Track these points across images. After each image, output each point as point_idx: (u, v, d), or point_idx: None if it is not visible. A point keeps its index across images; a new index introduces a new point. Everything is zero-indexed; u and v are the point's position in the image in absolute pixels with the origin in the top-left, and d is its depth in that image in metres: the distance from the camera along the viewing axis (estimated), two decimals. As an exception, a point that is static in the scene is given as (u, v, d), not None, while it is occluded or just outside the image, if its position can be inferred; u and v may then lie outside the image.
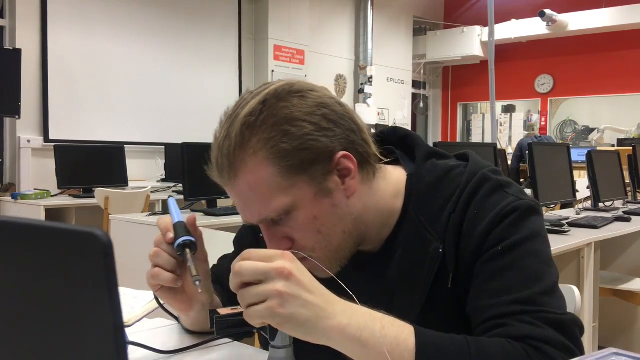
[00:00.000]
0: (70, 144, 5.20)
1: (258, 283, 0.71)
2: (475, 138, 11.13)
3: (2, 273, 0.51)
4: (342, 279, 0.93)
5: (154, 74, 6.55)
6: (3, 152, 5.53)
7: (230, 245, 1.14)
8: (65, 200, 4.34)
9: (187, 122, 6.53)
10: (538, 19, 9.24)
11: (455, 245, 0.86)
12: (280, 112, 0.81)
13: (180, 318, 1.03)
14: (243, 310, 0.72)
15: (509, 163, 6.99)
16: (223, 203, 3.37)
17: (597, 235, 2.58)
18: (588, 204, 3.57)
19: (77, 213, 4.35)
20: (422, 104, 11.23)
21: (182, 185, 4.19)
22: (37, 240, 0.49)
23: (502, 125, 10.82)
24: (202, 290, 0.93)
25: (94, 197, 4.10)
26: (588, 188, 3.49)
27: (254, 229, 0.90)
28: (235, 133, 0.81)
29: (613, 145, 8.63)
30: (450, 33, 10.54)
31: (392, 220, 0.93)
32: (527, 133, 9.41)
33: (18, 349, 0.52)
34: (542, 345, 0.75)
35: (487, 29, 7.22)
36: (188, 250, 0.88)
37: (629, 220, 3.05)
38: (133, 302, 1.22)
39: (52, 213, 4.14)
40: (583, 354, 0.76)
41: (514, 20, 9.69)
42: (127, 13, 6.30)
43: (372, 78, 9.16)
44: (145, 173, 6.15)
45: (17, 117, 5.16)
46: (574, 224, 2.79)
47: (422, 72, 11.01)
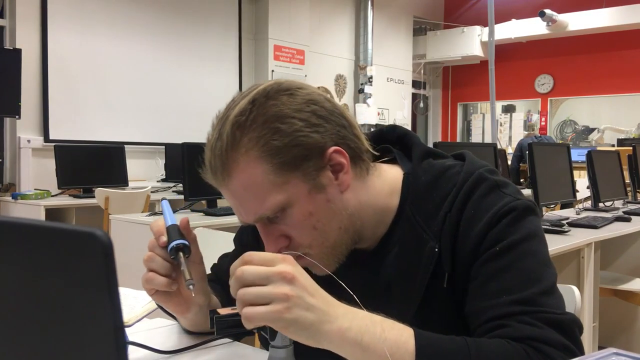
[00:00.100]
0: (70, 144, 5.20)
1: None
2: (475, 138, 11.13)
3: (2, 273, 0.51)
4: (338, 277, 0.93)
5: (154, 74, 6.55)
6: (3, 152, 5.53)
7: (230, 245, 1.14)
8: (65, 200, 4.34)
9: (187, 122, 6.53)
10: (538, 19, 9.23)
11: (452, 245, 0.86)
12: (270, 110, 0.82)
13: (179, 319, 1.03)
14: (240, 311, 0.71)
15: (509, 163, 6.98)
16: (223, 203, 3.37)
17: (597, 235, 2.58)
18: (588, 204, 3.57)
19: (77, 213, 4.35)
20: (422, 104, 11.23)
21: (182, 185, 4.20)
22: (37, 240, 0.49)
23: (502, 125, 10.82)
24: (197, 293, 0.93)
25: (94, 197, 4.10)
26: (588, 188, 3.49)
27: (254, 228, 0.90)
28: (227, 134, 0.82)
29: (613, 145, 8.62)
30: (450, 33, 10.54)
31: (387, 218, 0.93)
32: (527, 133, 9.41)
33: (18, 349, 0.52)
34: (542, 346, 0.75)
35: (487, 29, 7.22)
36: (181, 254, 0.88)
37: (629, 220, 3.06)
38: (133, 302, 1.22)
39: (52, 213, 4.14)
40: (583, 354, 0.76)
41: (514, 20, 9.69)
42: (127, 13, 6.30)
43: (372, 78, 9.16)
44: (145, 173, 6.15)
45: (17, 117, 5.16)
46: (574, 224, 2.79)
47: (422, 72, 11.01)
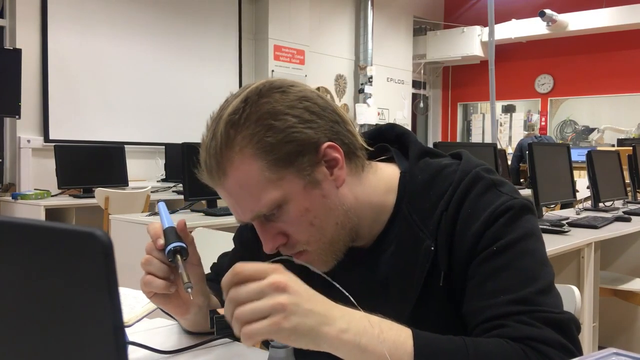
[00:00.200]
0: (70, 144, 5.20)
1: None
2: (475, 138, 11.13)
3: (2, 273, 0.51)
4: (334, 275, 0.93)
5: (154, 74, 6.55)
6: (3, 152, 5.53)
7: (230, 245, 1.14)
8: (65, 200, 4.34)
9: (187, 122, 6.53)
10: (538, 19, 9.23)
11: (448, 244, 0.86)
12: (263, 107, 0.83)
13: (179, 320, 1.04)
14: (240, 332, 0.69)
15: (509, 163, 6.98)
16: (223, 203, 3.37)
17: (597, 235, 2.58)
18: (588, 204, 3.57)
19: (77, 213, 4.35)
20: (422, 104, 11.23)
21: (182, 185, 4.20)
22: (37, 240, 0.49)
23: (502, 125, 10.82)
24: (196, 295, 0.93)
25: (94, 197, 4.10)
26: (588, 188, 3.49)
27: (254, 227, 0.90)
28: (221, 133, 0.83)
29: (613, 145, 8.63)
30: (450, 33, 10.53)
31: (383, 216, 0.93)
32: (527, 133, 9.41)
33: (18, 349, 0.52)
34: (540, 346, 0.75)
35: (487, 29, 7.23)
36: (179, 257, 0.88)
37: (629, 220, 3.05)
38: (133, 302, 1.22)
39: (52, 213, 4.14)
40: (581, 352, 0.76)
41: (514, 20, 9.69)
42: (127, 13, 6.30)
43: (372, 78, 9.16)
44: (145, 173, 6.15)
45: (17, 117, 5.16)
46: (574, 224, 2.78)
47: (422, 72, 11.00)
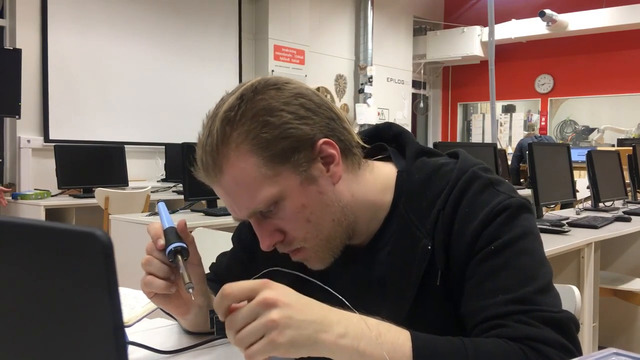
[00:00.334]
0: (70, 144, 5.20)
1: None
2: (475, 138, 11.13)
3: (2, 273, 0.51)
4: (331, 273, 0.93)
5: (154, 74, 6.55)
6: (3, 152, 5.53)
7: (230, 245, 1.14)
8: (65, 200, 4.34)
9: (187, 122, 6.51)
10: (538, 19, 9.23)
11: (445, 243, 0.86)
12: (258, 104, 0.83)
13: (179, 320, 1.03)
14: (245, 356, 0.70)
15: (509, 163, 6.98)
16: (223, 203, 3.37)
17: (597, 235, 2.58)
18: (588, 204, 3.57)
19: (77, 213, 4.35)
20: (422, 104, 11.23)
21: (182, 185, 4.20)
22: (37, 240, 0.49)
23: (502, 125, 10.82)
24: (197, 295, 0.93)
25: (94, 197, 4.10)
26: (588, 188, 3.49)
27: (251, 225, 0.90)
28: (216, 130, 0.83)
29: (613, 145, 8.63)
30: (450, 33, 10.54)
31: (380, 215, 0.93)
32: (527, 133, 9.41)
33: (18, 349, 0.52)
34: (539, 345, 0.74)
35: (487, 29, 7.23)
36: (180, 257, 0.88)
37: (629, 220, 3.05)
38: (133, 302, 1.22)
39: (52, 213, 4.14)
40: (580, 352, 0.76)
41: (514, 20, 9.69)
42: (127, 13, 6.30)
43: (372, 78, 9.16)
44: (145, 173, 6.15)
45: (17, 117, 5.16)
46: (574, 224, 2.78)
47: (422, 72, 11.01)
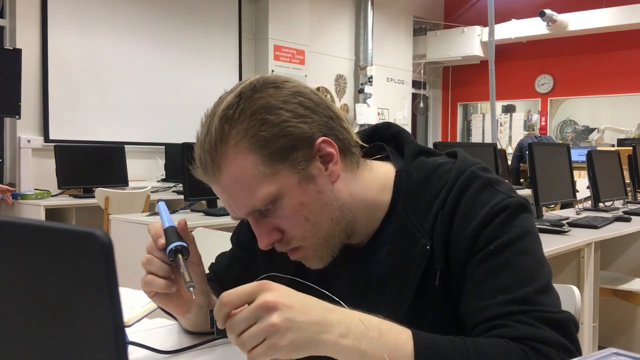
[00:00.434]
0: (70, 144, 5.20)
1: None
2: (475, 138, 11.13)
3: (2, 273, 0.51)
4: (330, 273, 0.92)
5: (154, 74, 6.55)
6: (3, 152, 5.53)
7: (230, 245, 1.14)
8: (65, 200, 4.34)
9: (187, 122, 6.51)
10: (538, 19, 9.23)
11: (444, 243, 0.85)
12: (257, 102, 0.83)
13: (179, 320, 1.03)
14: (247, 356, 0.71)
15: (509, 163, 6.98)
16: (222, 203, 3.37)
17: (597, 235, 2.58)
18: (588, 204, 3.57)
19: (77, 213, 4.35)
20: (422, 104, 11.23)
21: (182, 185, 4.20)
22: (37, 240, 0.49)
23: (502, 125, 10.82)
24: (197, 294, 0.93)
25: (94, 197, 4.10)
26: (588, 188, 3.49)
27: (250, 225, 0.90)
28: (215, 128, 0.83)
29: (613, 145, 8.63)
30: (450, 33, 10.53)
31: (379, 214, 0.93)
32: (527, 133, 9.41)
33: (18, 349, 0.52)
34: (540, 346, 0.74)
35: (487, 29, 7.22)
36: (180, 256, 0.88)
37: (629, 220, 3.05)
38: (133, 302, 1.22)
39: (52, 213, 4.14)
40: (580, 352, 0.76)
41: (514, 20, 9.69)
42: (127, 13, 6.30)
43: (372, 78, 9.16)
44: (145, 173, 6.15)
45: (17, 117, 5.16)
46: (574, 224, 2.78)
47: (422, 72, 11.00)
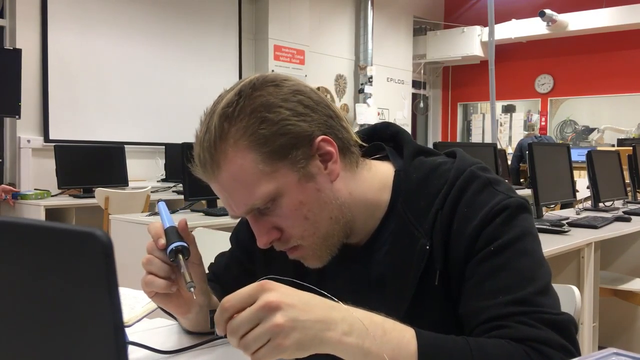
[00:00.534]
0: (70, 144, 5.20)
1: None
2: (475, 138, 11.13)
3: (2, 273, 0.51)
4: (329, 273, 0.92)
5: (154, 74, 6.55)
6: (3, 152, 5.53)
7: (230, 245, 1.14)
8: (65, 200, 4.34)
9: (187, 122, 6.51)
10: (538, 19, 9.23)
11: (444, 243, 0.85)
12: (257, 100, 0.82)
13: (179, 320, 1.03)
14: (251, 358, 0.70)
15: (509, 163, 6.98)
16: (222, 202, 3.37)
17: (597, 235, 2.58)
18: (588, 204, 3.57)
19: (77, 213, 4.35)
20: (422, 104, 11.23)
21: (182, 185, 4.20)
22: (37, 240, 0.49)
23: (502, 125, 10.82)
24: (198, 294, 0.93)
25: (94, 197, 4.10)
26: (588, 188, 3.49)
27: (249, 225, 0.90)
28: (214, 126, 0.82)
29: (613, 145, 8.63)
30: (450, 33, 10.54)
31: (378, 213, 0.93)
32: (527, 133, 9.41)
33: (18, 349, 0.52)
34: (541, 347, 0.75)
35: (487, 29, 7.22)
36: (181, 256, 0.88)
37: (629, 220, 3.05)
38: (133, 302, 1.22)
39: (52, 213, 4.14)
40: (579, 353, 0.76)
41: (514, 20, 9.69)
42: (127, 13, 6.30)
43: (372, 78, 9.16)
44: (145, 173, 6.15)
45: (17, 117, 5.16)
46: (574, 224, 2.78)
47: (422, 72, 11.01)
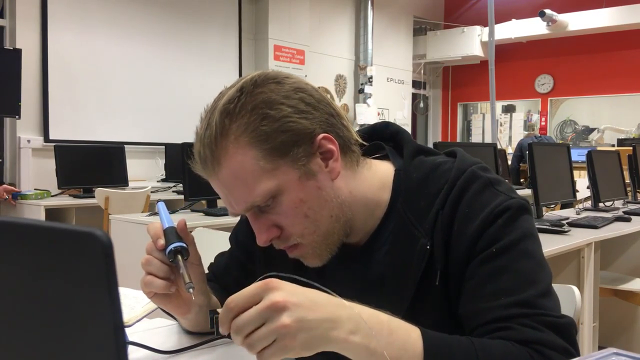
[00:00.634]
0: (70, 144, 5.20)
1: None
2: (475, 138, 11.13)
3: (2, 273, 0.51)
4: (328, 273, 0.92)
5: (154, 74, 6.55)
6: (3, 152, 5.53)
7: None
8: (65, 200, 4.34)
9: (187, 122, 6.49)
10: (538, 19, 9.23)
11: (445, 243, 0.85)
12: (258, 97, 0.82)
13: (179, 320, 1.03)
14: (257, 358, 0.69)
15: (509, 163, 6.98)
16: (223, 203, 3.37)
17: (597, 235, 2.58)
18: (588, 204, 3.57)
19: (77, 213, 4.35)
20: (422, 104, 11.23)
21: (182, 185, 4.20)
22: (37, 240, 0.49)
23: (502, 125, 10.82)
24: (197, 294, 0.93)
25: (94, 197, 4.10)
26: (588, 188, 3.49)
27: (249, 225, 0.89)
28: (215, 122, 0.82)
29: (613, 145, 8.63)
30: (450, 33, 10.53)
31: (378, 213, 0.93)
32: (527, 133, 9.42)
33: (18, 349, 0.52)
34: (545, 350, 0.75)
35: (487, 29, 7.22)
36: (180, 257, 0.87)
37: (629, 220, 3.05)
38: (133, 302, 1.22)
39: (52, 213, 4.14)
40: (579, 355, 0.76)
41: (514, 20, 9.69)
42: (127, 13, 6.30)
43: (372, 78, 9.16)
44: (145, 173, 6.15)
45: (17, 117, 5.16)
46: (574, 224, 2.78)
47: (422, 72, 11.00)
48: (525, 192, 4.27)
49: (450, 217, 0.85)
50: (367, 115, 8.95)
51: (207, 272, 1.09)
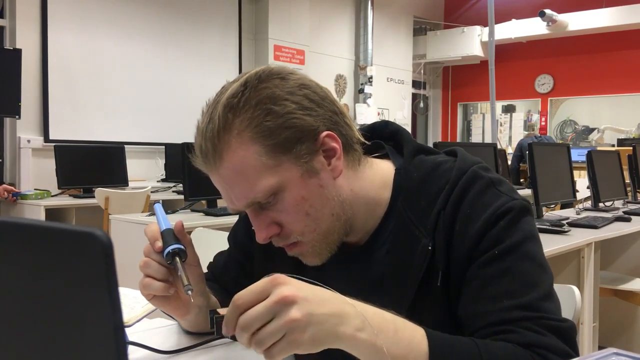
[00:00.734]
0: (70, 144, 5.20)
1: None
2: (475, 138, 11.13)
3: (2, 273, 0.51)
4: (328, 272, 0.92)
5: (154, 74, 6.55)
6: (3, 152, 5.53)
7: (230, 245, 1.14)
8: (65, 200, 4.34)
9: (187, 122, 6.48)
10: (538, 19, 9.24)
11: (446, 243, 0.85)
12: (262, 92, 0.81)
13: (179, 321, 1.03)
14: (264, 356, 0.68)
15: (509, 163, 6.98)
16: (223, 203, 3.37)
17: (597, 235, 2.58)
18: (588, 204, 3.57)
19: (77, 213, 4.35)
20: (422, 104, 11.23)
21: (182, 185, 4.20)
22: (37, 240, 0.49)
23: (502, 125, 10.82)
24: (196, 296, 0.92)
25: (94, 197, 4.10)
26: (588, 188, 3.49)
27: (248, 225, 0.89)
28: (218, 116, 0.81)
29: (613, 145, 8.63)
30: (450, 33, 10.54)
31: (378, 212, 0.92)
32: (527, 133, 9.42)
33: (18, 349, 0.52)
34: (547, 354, 0.75)
35: (487, 29, 7.23)
36: (178, 259, 0.87)
37: (629, 220, 3.05)
38: (133, 302, 1.22)
39: (52, 213, 4.14)
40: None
41: (514, 20, 9.69)
42: (127, 13, 6.30)
43: (372, 78, 9.16)
44: (145, 173, 6.15)
45: (17, 117, 5.16)
46: (574, 224, 2.78)
47: (422, 72, 11.01)
48: (525, 192, 4.27)
49: (452, 217, 0.85)
50: (367, 115, 8.95)
51: (206, 271, 1.09)
